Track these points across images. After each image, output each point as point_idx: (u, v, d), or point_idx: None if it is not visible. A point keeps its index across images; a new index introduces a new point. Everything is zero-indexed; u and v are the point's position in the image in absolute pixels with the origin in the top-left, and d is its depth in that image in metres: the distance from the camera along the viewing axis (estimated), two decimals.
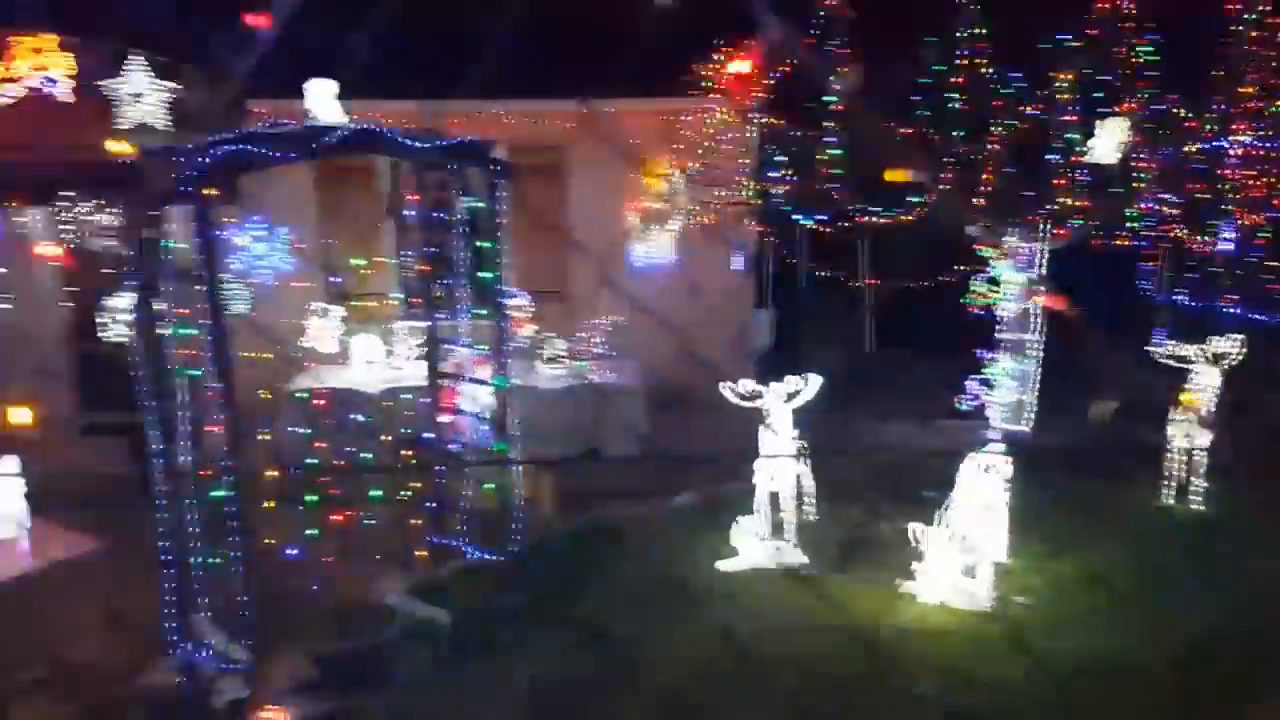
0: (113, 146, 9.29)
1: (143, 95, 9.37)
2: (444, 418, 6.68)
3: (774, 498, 7.00)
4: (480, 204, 5.74)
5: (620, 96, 10.31)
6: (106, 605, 5.92)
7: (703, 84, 9.73)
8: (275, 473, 6.13)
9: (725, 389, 6.84)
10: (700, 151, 10.12)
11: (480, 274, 5.92)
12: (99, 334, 9.52)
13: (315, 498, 6.23)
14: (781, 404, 6.77)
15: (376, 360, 10.60)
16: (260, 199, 10.02)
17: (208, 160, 4.72)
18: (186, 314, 5.31)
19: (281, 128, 5.44)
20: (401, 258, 6.53)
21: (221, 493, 5.31)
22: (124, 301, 9.65)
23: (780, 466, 6.86)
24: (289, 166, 5.70)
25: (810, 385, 6.75)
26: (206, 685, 5.50)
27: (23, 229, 11.25)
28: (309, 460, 6.79)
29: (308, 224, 11.08)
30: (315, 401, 7.88)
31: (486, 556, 6.75)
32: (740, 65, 9.71)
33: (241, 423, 5.54)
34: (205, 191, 5.06)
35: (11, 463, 5.86)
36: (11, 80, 9.44)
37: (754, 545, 6.99)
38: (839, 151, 9.21)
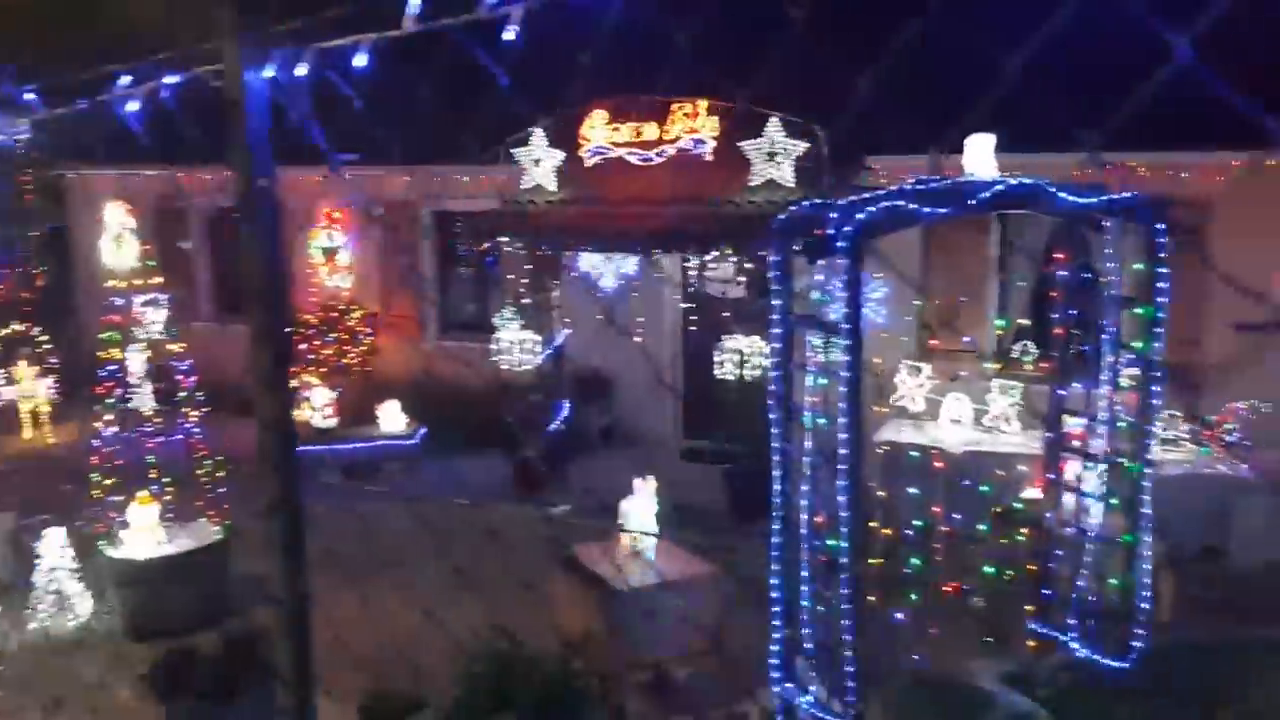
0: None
1: (776, 154, 10.08)
2: (1064, 496, 6.10)
3: None
4: (1140, 265, 5.13)
5: None
6: (715, 628, 6.27)
7: None
8: (888, 531, 6.07)
9: None
10: None
11: (1133, 343, 5.28)
12: (715, 371, 10.38)
13: (920, 560, 6.04)
14: None
15: (964, 420, 10.29)
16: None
17: (866, 217, 4.78)
18: (817, 362, 5.45)
19: (930, 184, 5.36)
20: (1008, 316, 6.11)
21: (836, 542, 5.33)
22: (739, 343, 10.48)
23: None
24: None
25: None
26: None
27: (659, 273, 12.80)
28: (917, 521, 6.66)
29: (907, 278, 11.09)
30: (935, 464, 7.74)
31: (1099, 658, 6.00)
32: None
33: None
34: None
35: (650, 483, 6.51)
36: (669, 142, 10.77)
37: None
38: None
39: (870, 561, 5.56)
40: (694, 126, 10.62)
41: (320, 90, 2.98)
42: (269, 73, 1.93)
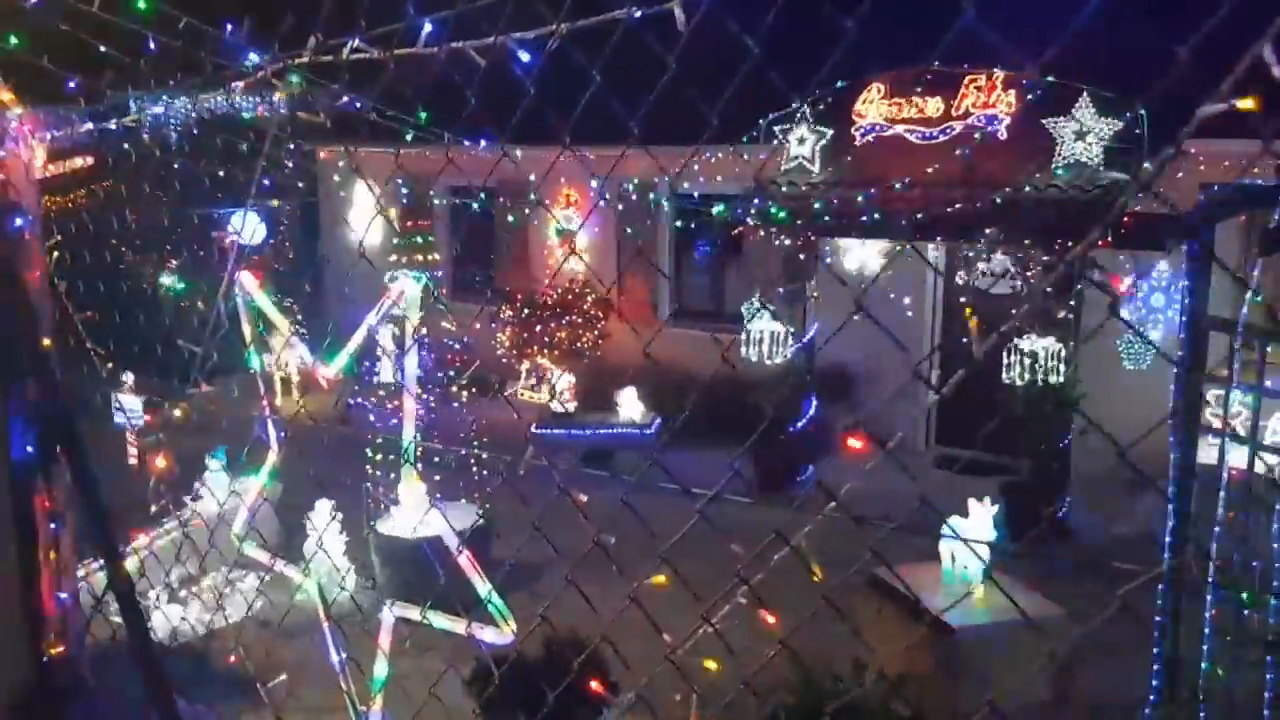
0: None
1: (1086, 133, 8.94)
2: None
3: None
4: None
5: None
6: (1063, 679, 5.38)
7: None
8: None
9: None
10: None
11: None
12: (1005, 375, 9.35)
13: None
14: None
15: None
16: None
17: None
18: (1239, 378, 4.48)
19: None
20: None
21: (1250, 594, 4.38)
22: (1031, 344, 9.40)
23: None
24: None
25: None
26: None
27: (924, 263, 11.82)
28: None
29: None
30: None
31: None
32: None
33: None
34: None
35: (987, 506, 5.67)
36: (957, 118, 9.79)
37: None
38: None
39: None
40: (988, 101, 9.59)
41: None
42: None
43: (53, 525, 2.32)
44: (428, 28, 2.01)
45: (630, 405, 12.25)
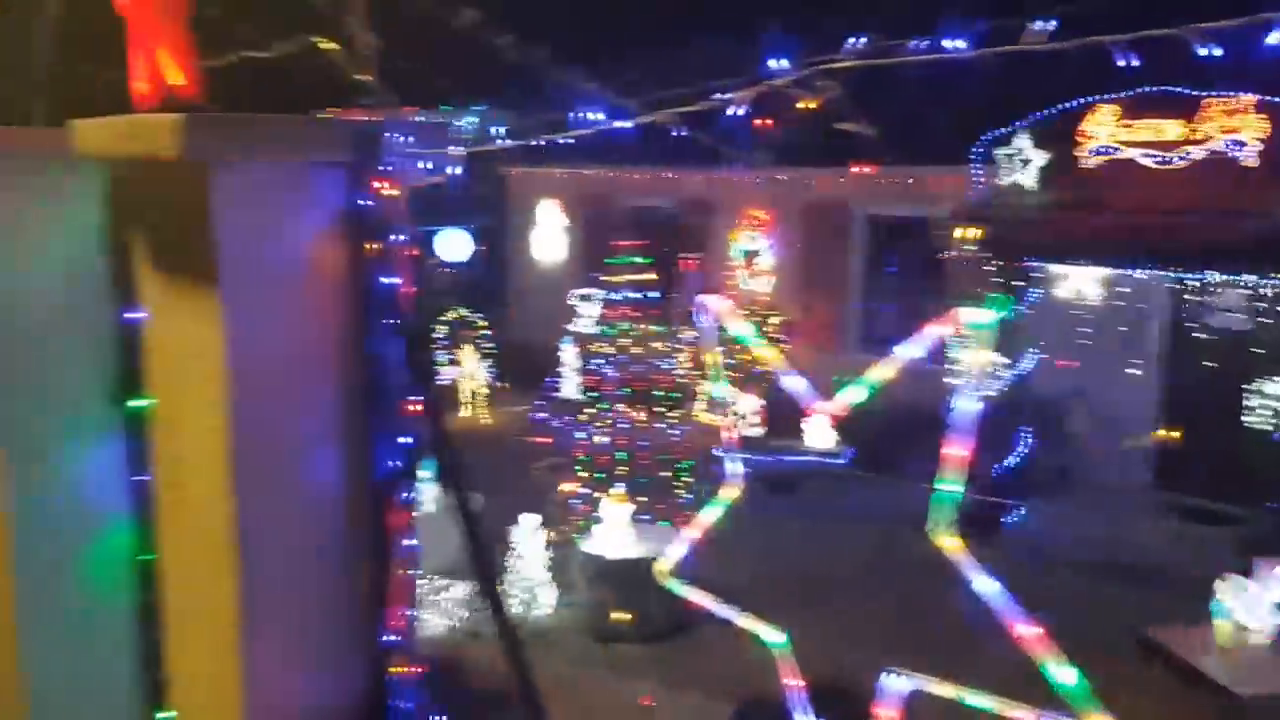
0: None
1: None
2: None
3: None
4: None
5: None
6: None
7: None
8: None
9: None
10: None
11: None
12: (1244, 418, 8.58)
13: None
14: None
15: None
16: None
17: None
18: None
19: None
20: None
21: None
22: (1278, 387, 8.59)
23: None
24: None
25: None
26: None
27: (1142, 301, 11.07)
28: None
29: None
30: None
31: None
32: None
33: None
34: None
35: (1275, 564, 5.12)
36: (1197, 142, 9.11)
37: None
38: None
39: None
40: (1233, 125, 8.88)
41: None
42: None
43: (405, 541, 2.28)
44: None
45: (819, 433, 11.92)
